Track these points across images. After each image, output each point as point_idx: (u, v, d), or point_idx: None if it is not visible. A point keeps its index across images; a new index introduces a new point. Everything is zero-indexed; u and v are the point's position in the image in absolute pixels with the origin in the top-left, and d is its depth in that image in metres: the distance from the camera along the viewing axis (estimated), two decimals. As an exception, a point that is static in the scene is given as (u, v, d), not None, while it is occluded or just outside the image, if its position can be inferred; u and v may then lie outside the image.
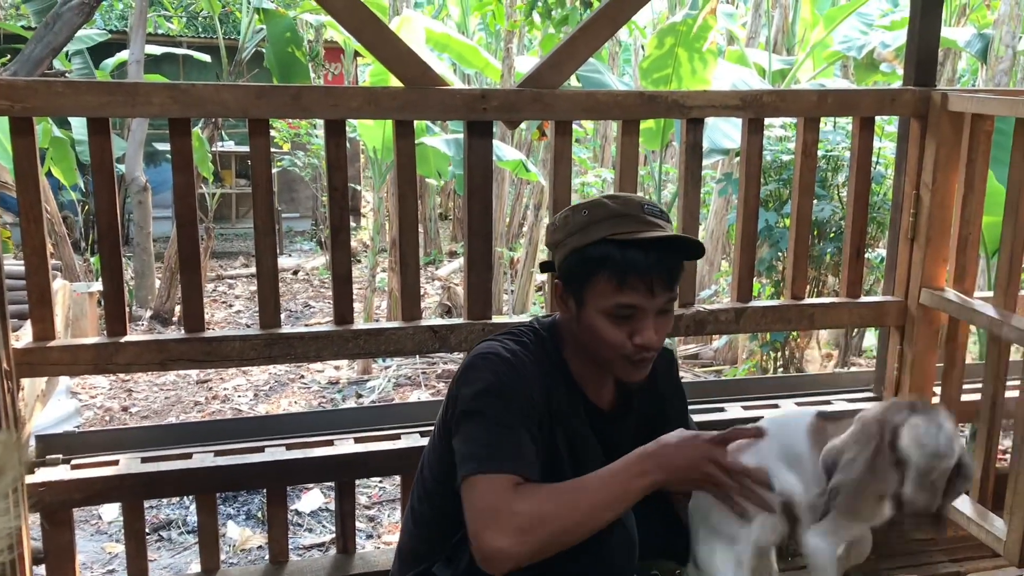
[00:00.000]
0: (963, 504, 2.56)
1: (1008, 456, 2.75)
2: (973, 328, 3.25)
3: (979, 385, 2.59)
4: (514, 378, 1.70)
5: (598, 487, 1.62)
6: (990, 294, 2.57)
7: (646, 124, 5.37)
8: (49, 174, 7.86)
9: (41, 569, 2.48)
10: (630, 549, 1.74)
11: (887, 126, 4.83)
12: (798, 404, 2.85)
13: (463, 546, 1.76)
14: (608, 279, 1.69)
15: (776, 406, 2.83)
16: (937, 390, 2.76)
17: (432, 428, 1.88)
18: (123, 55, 8.46)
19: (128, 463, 2.40)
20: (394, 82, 2.45)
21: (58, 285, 5.30)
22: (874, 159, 3.53)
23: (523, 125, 7.22)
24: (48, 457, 2.40)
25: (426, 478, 1.88)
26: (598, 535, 1.64)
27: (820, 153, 4.28)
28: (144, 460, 2.43)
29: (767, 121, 2.68)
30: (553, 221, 1.84)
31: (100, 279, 2.68)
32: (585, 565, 1.67)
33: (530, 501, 1.58)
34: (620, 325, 1.71)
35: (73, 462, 2.40)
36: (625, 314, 1.70)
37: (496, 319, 2.51)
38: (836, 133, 4.98)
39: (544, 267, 1.91)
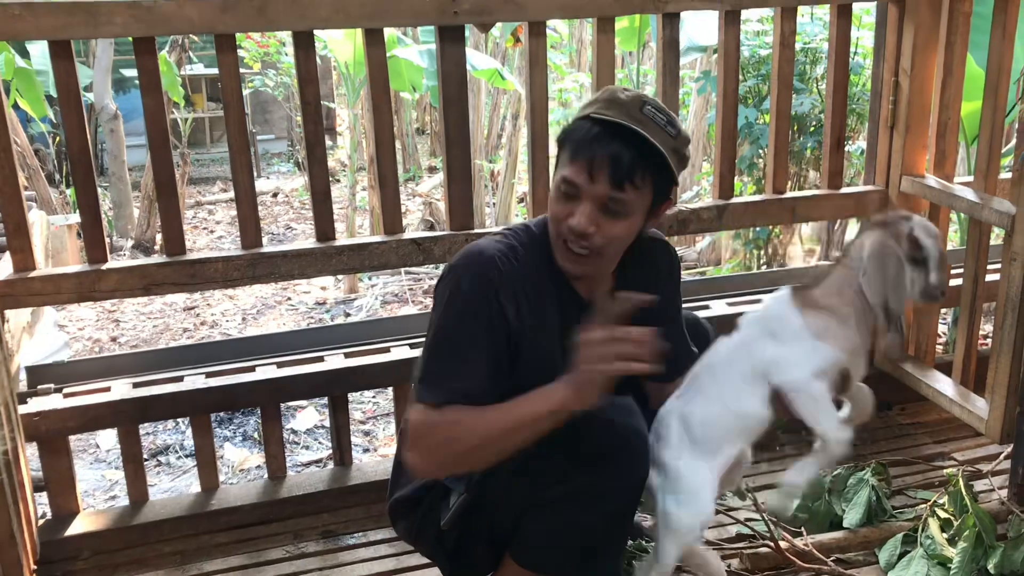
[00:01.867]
0: (945, 386, 2.61)
1: (989, 339, 2.79)
2: (954, 215, 3.27)
3: (960, 270, 2.62)
4: (484, 290, 1.68)
5: (507, 412, 1.61)
6: (970, 179, 2.57)
7: (621, 23, 5.28)
8: (16, 107, 7.70)
9: (43, 497, 2.51)
10: (646, 460, 1.73)
11: (865, 16, 4.77)
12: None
13: None
14: (567, 153, 1.69)
15: (760, 301, 2.85)
16: (919, 277, 2.78)
17: (422, 336, 1.88)
18: (81, -21, 8.20)
19: (120, 389, 2.42)
20: (361, -10, 2.38)
21: (35, 217, 5.24)
22: (852, 49, 3.50)
23: (496, 32, 7.09)
24: (40, 387, 2.41)
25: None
26: (616, 448, 1.66)
27: (798, 46, 4.23)
28: (136, 385, 2.44)
29: (744, 15, 2.64)
30: None
31: (77, 210, 2.65)
32: (603, 476, 1.68)
33: (441, 423, 1.63)
34: (564, 203, 1.69)
35: (65, 391, 2.42)
36: (566, 191, 1.68)
37: (479, 230, 2.50)
38: (813, 24, 4.91)
39: None
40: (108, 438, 3.93)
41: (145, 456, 2.87)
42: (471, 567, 1.86)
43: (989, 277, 2.54)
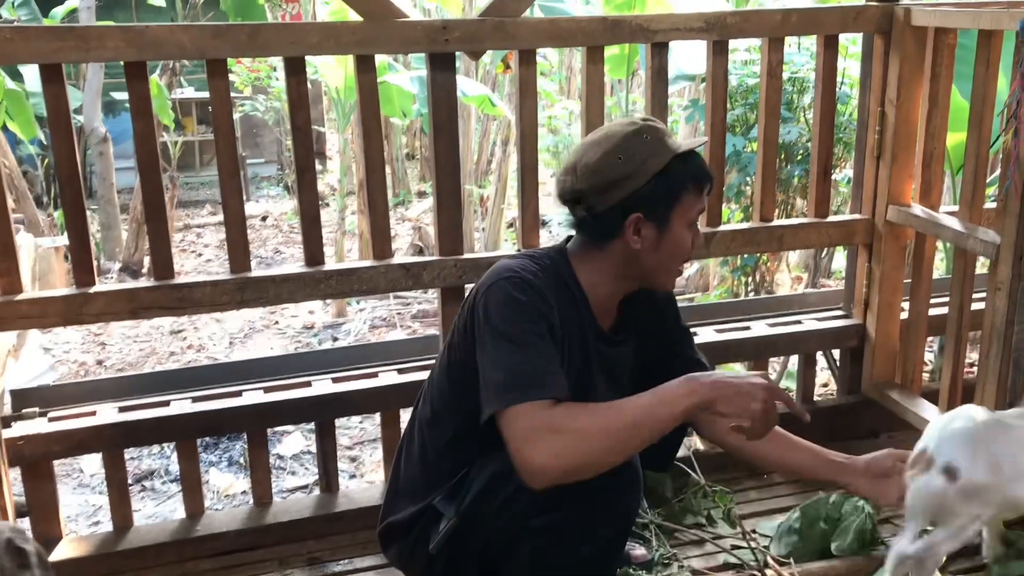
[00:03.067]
0: (932, 414, 2.61)
1: (975, 368, 2.80)
2: (940, 244, 3.29)
3: (946, 299, 2.64)
4: (538, 299, 1.73)
5: (635, 410, 1.64)
6: (956, 208, 2.59)
7: (611, 52, 5.31)
8: (5, 128, 7.68)
9: (26, 522, 2.48)
10: (637, 490, 1.77)
11: (851, 46, 4.82)
12: (769, 325, 2.89)
13: (465, 481, 1.78)
14: (693, 191, 1.81)
15: (748, 328, 2.87)
16: (905, 305, 2.80)
17: (414, 361, 1.90)
18: (73, 2, 8.22)
19: (106, 413, 2.40)
20: (353, 18, 2.40)
21: (22, 239, 5.23)
22: (839, 79, 3.53)
23: (487, 59, 7.13)
24: (24, 411, 2.39)
25: (434, 400, 1.89)
26: (606, 478, 1.66)
27: (785, 75, 4.26)
28: (121, 410, 2.42)
29: (732, 45, 2.67)
30: (594, 164, 1.80)
31: (65, 233, 2.64)
32: (594, 506, 1.69)
33: (565, 420, 1.61)
34: (690, 232, 1.84)
35: (50, 415, 2.40)
36: (694, 218, 1.84)
37: (468, 255, 2.50)
38: (800, 54, 4.96)
39: (574, 204, 1.86)
40: (92, 463, 3.90)
41: (129, 481, 2.85)
42: None
43: (975, 306, 2.56)
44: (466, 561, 1.80)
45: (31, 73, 7.45)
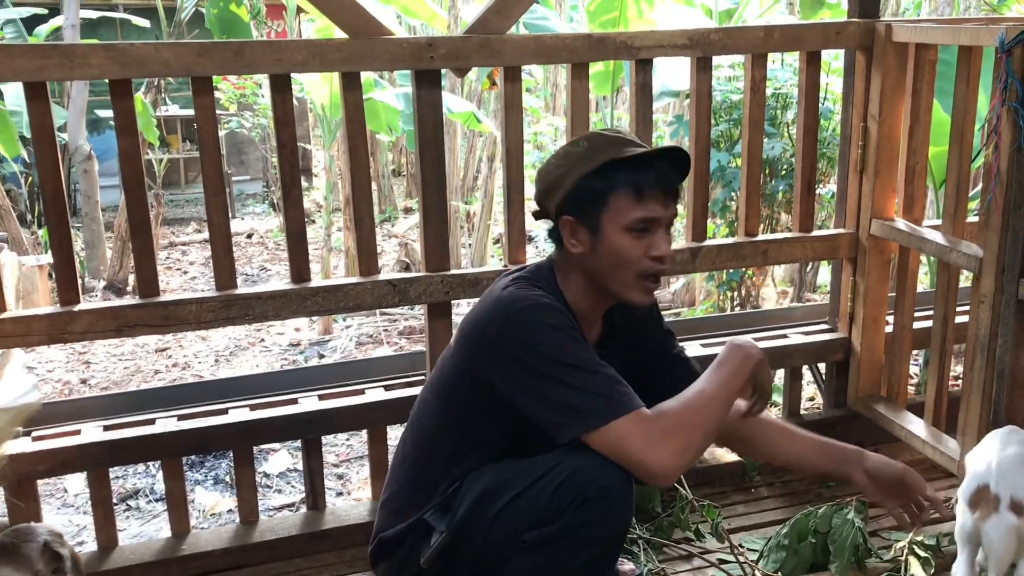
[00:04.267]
0: (918, 427, 2.63)
1: (960, 380, 2.82)
2: (924, 257, 3.31)
3: (931, 312, 2.65)
4: (567, 320, 1.77)
5: (716, 387, 1.76)
6: (939, 222, 2.61)
7: (596, 68, 5.34)
8: (-12, 147, 7.65)
9: (8, 543, 2.46)
10: (629, 505, 1.78)
11: (833, 62, 4.86)
12: (755, 339, 2.89)
13: (457, 495, 1.79)
14: (626, 195, 1.76)
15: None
16: (890, 319, 2.82)
17: (400, 378, 1.90)
18: (57, 21, 8.21)
19: (90, 432, 2.39)
20: (339, 35, 2.41)
21: (5, 257, 5.19)
22: (822, 95, 3.57)
23: (472, 76, 7.16)
24: (8, 431, 2.37)
25: (426, 417, 1.90)
26: (598, 492, 1.68)
27: (768, 91, 4.30)
28: (106, 428, 2.41)
29: (716, 61, 2.69)
30: (543, 167, 1.88)
31: (49, 251, 2.63)
32: (586, 521, 1.69)
33: (671, 419, 1.69)
34: (639, 240, 1.78)
35: (34, 434, 2.38)
36: (643, 228, 1.77)
37: (455, 271, 2.51)
38: (784, 70, 5.00)
39: (539, 215, 1.92)
40: (76, 482, 3.87)
41: (114, 500, 2.83)
42: None
43: (959, 319, 2.57)
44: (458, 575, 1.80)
45: (12, 91, 7.44)
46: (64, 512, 3.76)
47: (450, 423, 1.85)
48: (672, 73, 5.04)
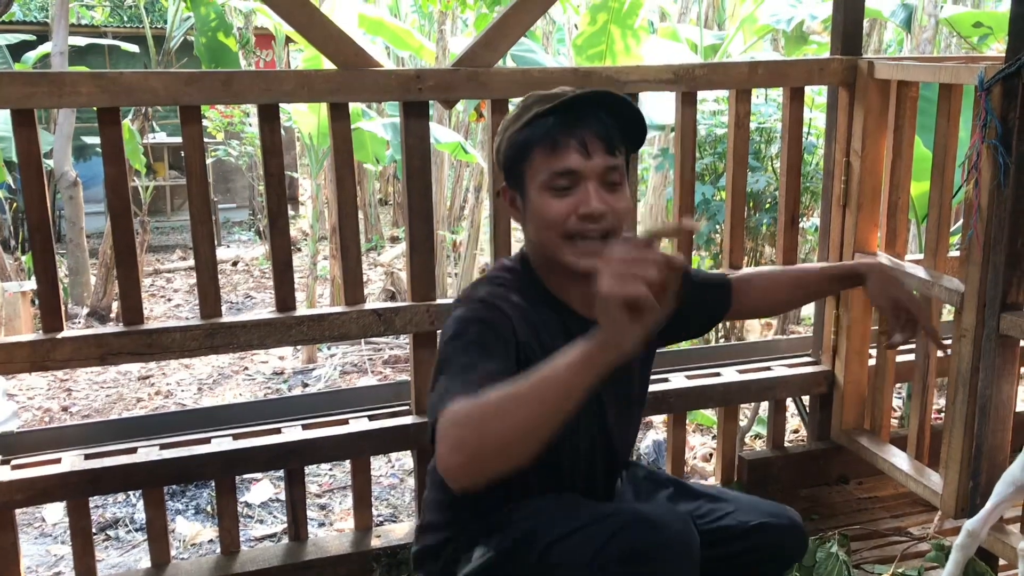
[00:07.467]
0: (901, 460, 2.63)
1: (943, 414, 2.84)
2: (905, 291, 3.34)
3: (913, 346, 2.67)
4: (491, 315, 1.59)
5: (539, 372, 1.30)
6: (921, 257, 2.64)
7: (582, 102, 5.38)
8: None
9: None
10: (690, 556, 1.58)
11: (817, 97, 4.92)
12: (739, 371, 2.91)
13: (509, 519, 1.67)
14: (541, 150, 1.60)
15: (718, 374, 2.88)
16: (873, 352, 2.83)
17: (385, 408, 1.86)
18: (45, 47, 8.23)
19: (71, 460, 2.36)
20: (327, 66, 2.42)
21: (-12, 285, 5.17)
22: (805, 130, 3.61)
23: (460, 107, 7.20)
24: (-13, 459, 2.35)
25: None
26: (654, 539, 1.51)
27: (753, 126, 4.34)
28: (87, 457, 2.38)
29: (700, 96, 2.72)
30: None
31: (32, 277, 2.62)
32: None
33: (461, 411, 1.33)
34: (562, 198, 1.60)
35: (13, 463, 2.36)
36: (563, 183, 1.59)
37: (441, 301, 2.51)
38: (768, 105, 5.06)
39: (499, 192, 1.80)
40: (55, 511, 3.83)
41: (93, 529, 2.80)
42: None
43: (940, 353, 2.59)
44: None
45: (0, 117, 7.43)
46: (42, 542, 3.72)
47: None
48: (657, 107, 5.09)
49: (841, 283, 2.11)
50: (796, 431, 4.28)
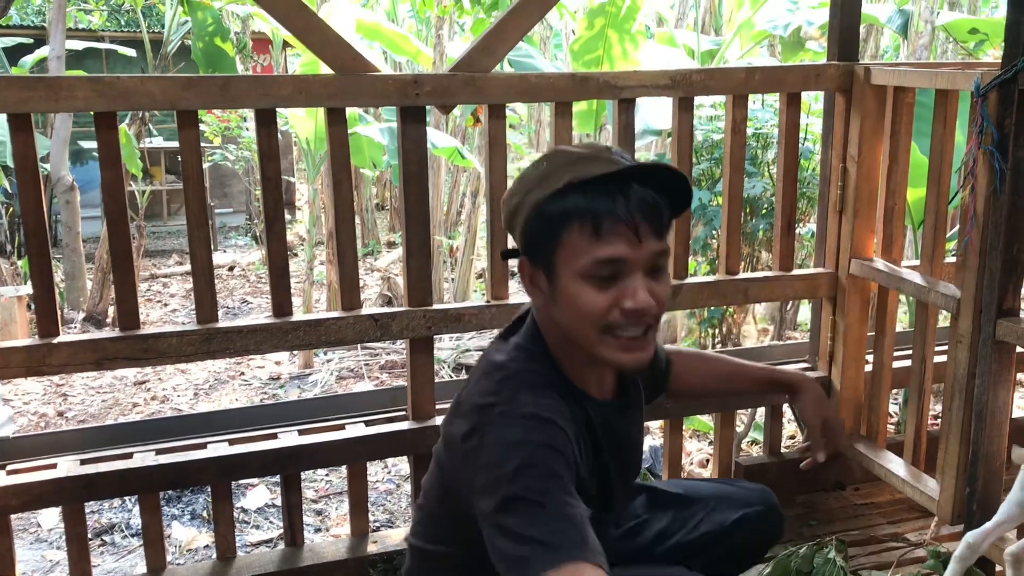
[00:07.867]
0: (897, 467, 2.63)
1: (939, 420, 2.84)
2: (902, 297, 3.34)
3: (909, 351, 2.67)
4: (553, 439, 1.38)
5: None
6: (917, 263, 2.64)
7: (579, 107, 5.39)
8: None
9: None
10: None
11: (814, 103, 4.92)
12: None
13: None
14: (580, 231, 1.38)
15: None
16: (869, 358, 2.83)
17: (381, 413, 1.83)
18: (43, 51, 8.22)
19: (66, 466, 2.35)
20: (324, 70, 2.42)
21: (-16, 289, 5.16)
22: (802, 135, 3.61)
23: (457, 112, 7.20)
24: (-18, 464, 2.35)
25: (427, 526, 1.67)
26: None
27: (749, 131, 4.35)
28: (83, 462, 2.38)
29: (697, 101, 2.72)
30: (508, 190, 1.53)
31: (28, 282, 2.61)
32: None
33: None
34: (604, 289, 1.39)
35: (8, 468, 2.35)
36: (607, 273, 1.38)
37: (437, 306, 2.51)
38: (764, 111, 5.06)
39: (507, 255, 1.62)
40: (50, 516, 3.82)
41: (89, 535, 2.79)
42: None
43: (937, 359, 2.59)
44: None
45: (-2, 121, 7.41)
46: (36, 547, 3.71)
47: (455, 535, 1.60)
48: (654, 112, 5.10)
49: (775, 390, 2.11)
50: (792, 436, 4.28)
